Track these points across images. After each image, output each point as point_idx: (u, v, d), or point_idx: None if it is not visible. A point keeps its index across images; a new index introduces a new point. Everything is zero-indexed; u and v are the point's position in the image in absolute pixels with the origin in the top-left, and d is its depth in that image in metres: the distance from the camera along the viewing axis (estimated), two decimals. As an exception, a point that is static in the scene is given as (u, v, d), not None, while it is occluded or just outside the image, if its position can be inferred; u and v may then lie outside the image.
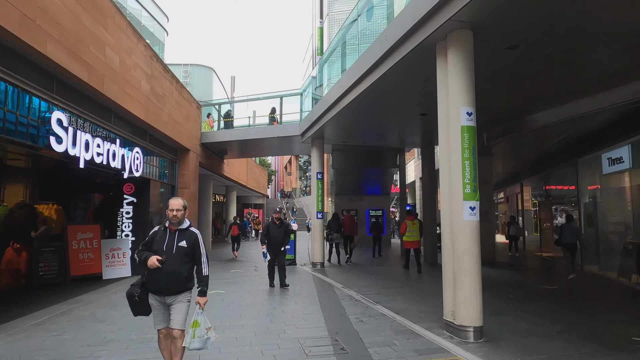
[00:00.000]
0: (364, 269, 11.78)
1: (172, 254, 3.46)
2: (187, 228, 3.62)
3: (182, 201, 3.64)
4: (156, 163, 11.09)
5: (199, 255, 3.59)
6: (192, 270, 3.61)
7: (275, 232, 8.49)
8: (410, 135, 12.72)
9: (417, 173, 21.97)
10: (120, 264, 10.01)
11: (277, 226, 8.56)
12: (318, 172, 12.28)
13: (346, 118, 10.41)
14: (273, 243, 8.47)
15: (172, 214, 3.52)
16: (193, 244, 3.55)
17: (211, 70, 40.41)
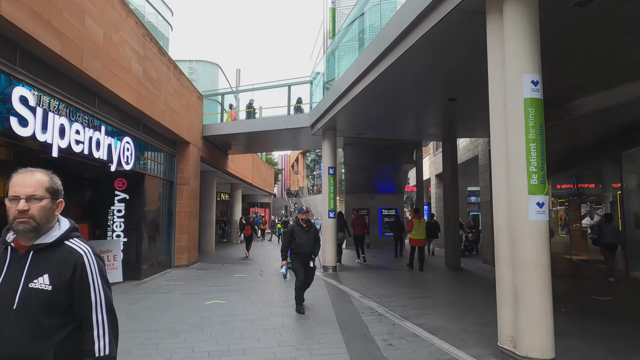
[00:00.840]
0: (381, 273, 10.64)
1: (9, 308, 1.43)
2: (59, 242, 1.57)
3: (43, 178, 1.59)
4: (152, 156, 10.04)
5: (86, 308, 1.53)
6: (67, 346, 1.49)
7: (303, 238, 6.32)
8: (431, 126, 11.54)
9: (432, 170, 20.74)
10: (110, 268, 8.96)
11: (305, 230, 6.40)
12: (330, 166, 11.15)
13: (361, 106, 9.28)
14: (300, 254, 6.35)
15: (15, 208, 1.47)
16: (70, 280, 1.50)
17: (217, 66, 39.44)
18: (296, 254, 6.40)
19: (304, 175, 56.81)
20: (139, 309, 6.40)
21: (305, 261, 6.37)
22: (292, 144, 15.75)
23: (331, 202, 11.06)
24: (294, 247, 6.37)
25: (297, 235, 6.35)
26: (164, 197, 11.04)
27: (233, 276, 9.98)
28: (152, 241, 10.05)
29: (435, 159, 20.12)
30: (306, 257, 6.37)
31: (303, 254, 6.37)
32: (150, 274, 9.77)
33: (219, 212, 27.15)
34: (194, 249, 12.42)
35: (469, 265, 12.20)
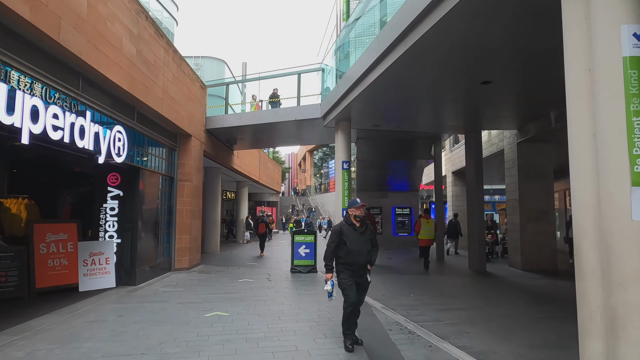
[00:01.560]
0: (400, 278, 9.64)
1: None
2: None
3: None
4: (149, 149, 9.13)
5: None
6: None
7: (357, 243, 4.58)
8: (454, 116, 10.50)
9: (448, 167, 19.67)
10: (102, 272, 8.08)
11: (359, 232, 4.65)
12: (344, 160, 10.16)
13: (378, 94, 8.31)
14: (351, 264, 4.56)
15: None
16: None
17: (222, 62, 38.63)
18: (346, 265, 4.58)
19: (311, 173, 55.89)
20: (128, 324, 5.47)
21: (358, 274, 4.61)
22: (302, 137, 14.75)
23: (345, 200, 10.08)
24: (344, 255, 4.57)
25: (349, 238, 4.57)
26: (163, 194, 10.13)
27: (238, 281, 9.04)
28: (150, 242, 9.14)
29: (452, 155, 19.05)
30: (360, 268, 4.60)
31: (356, 265, 4.56)
32: (147, 279, 8.87)
33: (224, 211, 26.31)
34: (197, 250, 11.51)
35: (495, 269, 11.16)
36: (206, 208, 16.01)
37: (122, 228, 8.42)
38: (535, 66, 6.60)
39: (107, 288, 7.98)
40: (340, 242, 4.60)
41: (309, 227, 17.01)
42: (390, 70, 6.90)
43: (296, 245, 10.62)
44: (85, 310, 6.26)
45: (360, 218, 4.68)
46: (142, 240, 8.66)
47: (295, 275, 9.92)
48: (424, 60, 6.48)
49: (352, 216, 4.70)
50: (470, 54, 6.19)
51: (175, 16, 43.77)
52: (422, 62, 6.57)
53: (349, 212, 4.78)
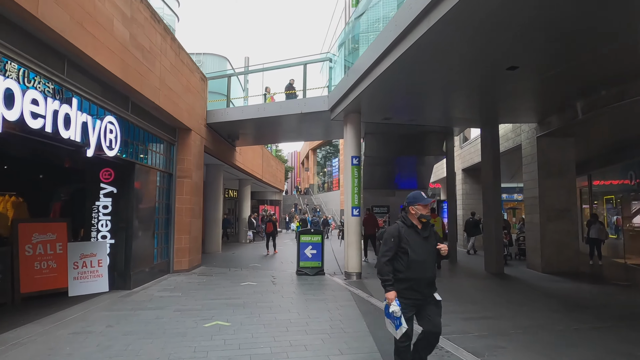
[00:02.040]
0: (414, 281, 9.02)
1: None
2: None
3: None
4: (145, 143, 8.51)
5: None
6: None
7: (421, 251, 3.41)
8: (470, 109, 9.85)
9: (457, 164, 18.96)
10: (94, 275, 7.49)
11: (422, 236, 3.46)
12: (353, 155, 9.52)
13: (392, 83, 7.69)
14: (415, 281, 3.38)
15: None
16: None
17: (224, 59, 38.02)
18: (406, 282, 3.35)
19: (314, 172, 55.25)
20: (116, 336, 4.86)
21: (423, 294, 3.39)
22: (308, 133, 14.08)
23: (355, 198, 9.44)
24: (404, 268, 3.36)
25: (410, 245, 3.35)
26: (161, 192, 9.52)
27: (240, 285, 8.42)
28: (146, 243, 8.53)
29: (462, 152, 18.38)
30: (426, 286, 3.40)
31: (421, 282, 3.36)
32: (143, 282, 8.26)
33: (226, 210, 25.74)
34: (197, 251, 10.90)
35: (513, 272, 10.50)
36: (207, 207, 15.42)
37: (115, 228, 7.82)
38: (569, 48, 5.94)
39: (99, 293, 7.38)
40: (399, 250, 3.38)
41: (315, 227, 16.41)
42: (407, 56, 6.25)
43: (302, 246, 10.00)
44: (72, 319, 5.65)
45: (426, 218, 3.46)
46: (137, 241, 8.06)
47: (301, 278, 9.30)
48: (446, 44, 5.84)
49: (416, 216, 3.43)
50: (499, 34, 5.53)
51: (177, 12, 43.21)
52: (444, 46, 5.92)
53: (410, 210, 3.48)
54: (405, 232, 3.42)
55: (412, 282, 3.36)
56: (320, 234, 10.17)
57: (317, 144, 50.26)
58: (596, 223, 11.76)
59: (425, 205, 3.45)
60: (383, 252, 3.45)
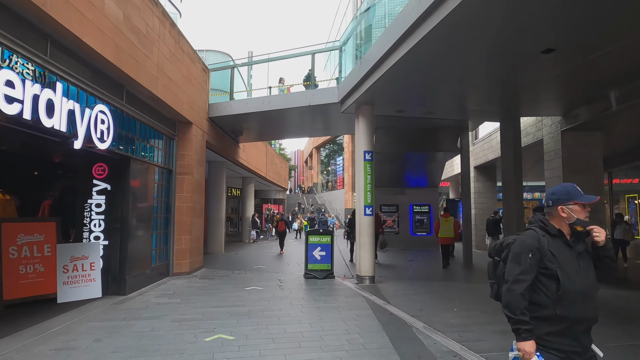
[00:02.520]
0: (431, 285, 8.34)
1: None
2: None
3: None
4: (142, 136, 7.89)
5: None
6: None
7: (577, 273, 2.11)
8: (489, 101, 9.16)
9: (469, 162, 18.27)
10: (85, 280, 6.87)
11: (576, 250, 2.16)
12: (366, 150, 8.86)
13: (409, 72, 7.06)
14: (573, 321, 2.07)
15: None
16: None
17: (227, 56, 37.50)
18: (555, 323, 2.08)
19: (318, 170, 54.57)
20: (103, 353, 4.23)
21: (581, 343, 2.10)
22: (316, 128, 13.41)
23: (367, 196, 8.78)
24: (552, 299, 2.09)
25: (560, 265, 2.11)
26: (159, 189, 8.90)
27: (245, 289, 7.79)
28: (143, 244, 7.91)
29: (474, 148, 17.66)
30: (585, 331, 2.12)
31: (580, 323, 2.10)
32: (140, 286, 7.64)
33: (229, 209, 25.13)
34: (198, 252, 10.28)
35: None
36: (209, 205, 14.81)
37: (109, 228, 7.20)
38: (612, 29, 5.27)
39: (92, 299, 6.76)
40: (541, 272, 2.15)
41: (323, 226, 15.77)
42: (430, 39, 5.60)
43: (310, 247, 9.35)
44: (56, 330, 5.03)
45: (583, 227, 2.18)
46: (133, 242, 7.43)
47: (310, 282, 8.66)
48: (477, 20, 5.17)
49: (569, 220, 2.18)
50: (540, 8, 4.86)
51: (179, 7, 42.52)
52: (476, 22, 5.25)
53: (560, 211, 2.21)
54: (550, 245, 2.16)
55: (566, 324, 2.08)
56: (330, 234, 9.51)
57: (321, 142, 49.60)
58: (621, 224, 11.05)
59: (584, 205, 2.20)
60: (515, 275, 2.16)
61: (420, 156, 14.64)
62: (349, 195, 39.25)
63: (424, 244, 16.67)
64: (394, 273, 10.05)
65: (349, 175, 39.70)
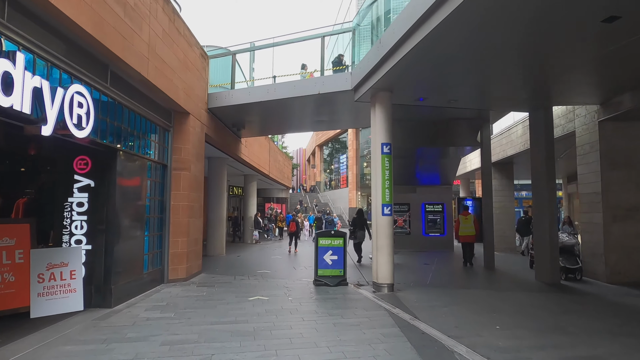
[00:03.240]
0: (460, 294, 7.39)
1: None
2: None
3: None
4: (132, 126, 6.95)
5: None
6: None
7: None
8: (521, 87, 8.19)
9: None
10: (64, 291, 5.94)
11: None
12: (384, 142, 7.90)
13: (440, 50, 6.08)
14: None
15: None
16: None
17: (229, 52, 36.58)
18: None
19: (321, 169, 53.62)
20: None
21: None
22: (323, 121, 12.40)
23: (386, 193, 7.82)
24: None
25: None
26: (153, 186, 7.97)
27: (248, 300, 6.84)
28: (133, 248, 6.97)
29: (492, 143, 16.67)
30: None
31: None
32: (128, 297, 6.71)
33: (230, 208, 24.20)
34: (196, 256, 9.34)
35: (570, 282, 8.86)
36: (210, 204, 13.88)
37: (93, 230, 6.26)
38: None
39: (71, 313, 5.83)
40: None
41: (330, 226, 14.83)
42: (464, 10, 4.67)
43: (321, 251, 8.41)
44: (18, 359, 4.09)
45: None
46: (121, 246, 6.50)
47: (321, 290, 7.72)
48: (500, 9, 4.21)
49: None
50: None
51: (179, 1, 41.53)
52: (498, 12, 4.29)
53: None
54: None
55: None
56: (343, 236, 8.57)
57: (324, 140, 48.67)
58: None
59: None
60: None
61: (434, 151, 13.66)
62: (353, 193, 38.32)
63: (437, 245, 15.72)
64: (411, 278, 9.10)
65: (353, 173, 38.77)
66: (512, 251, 15.52)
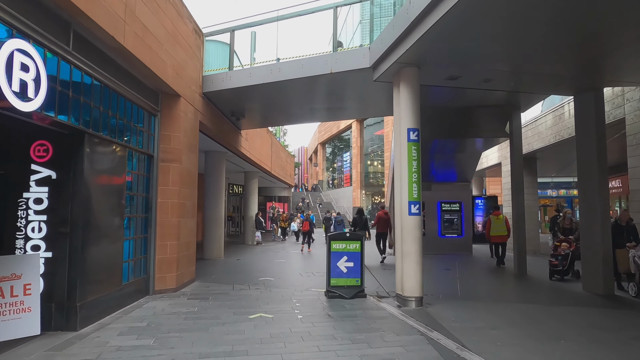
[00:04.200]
0: (496, 308, 6.11)
1: None
2: None
3: None
4: (106, 105, 5.68)
5: None
6: None
7: None
8: (572, 63, 6.90)
9: (503, 152, 16.05)
10: (16, 310, 4.66)
11: None
12: (411, 128, 6.61)
13: (484, 11, 4.82)
14: None
15: None
16: None
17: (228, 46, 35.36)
18: None
19: (323, 167, 52.34)
20: None
21: None
22: (333, 107, 10.97)
23: (413, 189, 6.55)
24: None
25: None
26: (136, 180, 6.71)
27: (249, 319, 5.57)
28: (108, 255, 5.71)
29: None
30: None
31: None
32: (101, 315, 5.45)
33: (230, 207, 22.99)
34: (188, 262, 8.07)
35: (621, 293, 7.59)
36: (206, 203, 12.64)
37: (54, 233, 5.00)
38: None
39: (24, 338, 4.57)
40: None
41: (339, 226, 13.58)
42: None
43: (334, 257, 7.14)
44: None
45: None
46: (91, 253, 5.24)
47: (336, 305, 6.44)
48: None
49: None
50: None
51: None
52: None
53: None
54: None
55: None
56: (360, 239, 7.30)
57: (326, 138, 47.45)
58: None
59: None
60: None
61: (453, 145, 12.38)
62: (357, 192, 37.05)
63: (454, 248, 14.43)
64: (436, 287, 7.83)
65: (357, 171, 37.49)
66: (536, 253, 14.24)
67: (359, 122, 37.76)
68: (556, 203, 27.43)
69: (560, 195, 28.87)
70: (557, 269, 8.83)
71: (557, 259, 8.90)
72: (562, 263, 8.78)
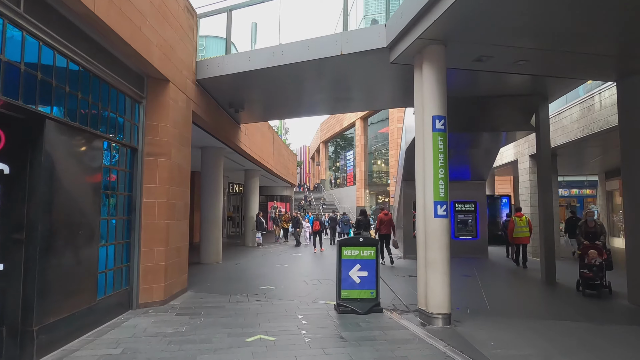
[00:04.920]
0: (538, 327, 5.15)
1: None
2: None
3: None
4: (72, 86, 4.73)
5: None
6: None
7: None
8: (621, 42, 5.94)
9: (520, 149, 15.09)
10: (-45, 337, 3.72)
11: None
12: (436, 115, 5.65)
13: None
14: None
15: None
16: None
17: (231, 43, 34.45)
18: None
19: (325, 166, 51.40)
20: None
21: None
22: (340, 97, 9.96)
23: (440, 186, 5.60)
24: None
25: None
26: (117, 177, 5.77)
27: (245, 342, 4.63)
28: (75, 265, 4.77)
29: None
30: None
31: None
32: (66, 340, 4.51)
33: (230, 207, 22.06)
34: (179, 270, 7.13)
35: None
36: (203, 203, 11.69)
37: (5, 240, 4.05)
38: None
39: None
40: None
41: (346, 227, 12.66)
42: None
43: (345, 265, 6.20)
44: None
45: None
46: (53, 264, 4.30)
47: (349, 322, 5.49)
48: None
49: None
50: None
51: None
52: None
53: None
54: None
55: None
56: (375, 245, 6.35)
57: (329, 136, 46.53)
58: None
59: None
60: None
61: (468, 139, 11.44)
62: (361, 192, 36.09)
63: (469, 251, 13.45)
64: (460, 299, 6.87)
65: (361, 170, 36.53)
66: (557, 257, 13.24)
67: (362, 120, 36.82)
68: (568, 203, 26.44)
69: (572, 194, 27.88)
70: (593, 282, 7.61)
71: (590, 270, 7.66)
72: (597, 275, 7.55)
